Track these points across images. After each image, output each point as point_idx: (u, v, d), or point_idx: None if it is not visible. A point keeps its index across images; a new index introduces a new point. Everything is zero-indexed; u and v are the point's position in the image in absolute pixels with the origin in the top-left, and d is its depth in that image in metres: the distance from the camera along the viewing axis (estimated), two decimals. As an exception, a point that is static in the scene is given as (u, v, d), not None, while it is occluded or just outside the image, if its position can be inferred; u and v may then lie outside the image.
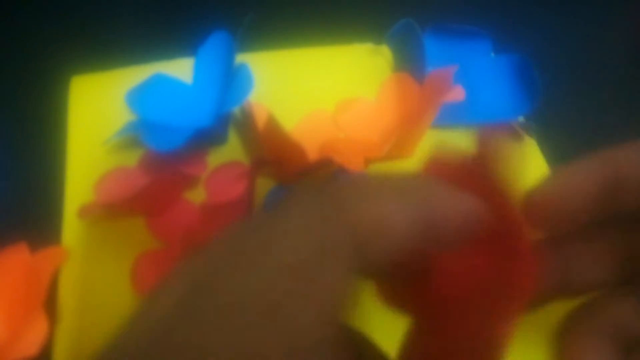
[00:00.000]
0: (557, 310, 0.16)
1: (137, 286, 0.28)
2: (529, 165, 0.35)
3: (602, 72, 0.42)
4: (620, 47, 0.43)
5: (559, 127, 0.37)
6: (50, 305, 0.27)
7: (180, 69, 0.37)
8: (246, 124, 0.35)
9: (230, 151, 0.35)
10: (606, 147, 0.15)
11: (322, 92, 0.38)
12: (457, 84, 0.32)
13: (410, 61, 0.36)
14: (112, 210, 0.31)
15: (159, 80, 0.36)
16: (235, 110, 0.36)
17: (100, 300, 0.28)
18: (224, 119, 0.35)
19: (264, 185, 0.32)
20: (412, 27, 0.34)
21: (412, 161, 0.35)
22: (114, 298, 0.28)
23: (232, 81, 0.33)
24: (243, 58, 0.34)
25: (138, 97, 0.36)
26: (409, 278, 0.15)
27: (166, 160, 0.33)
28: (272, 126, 0.29)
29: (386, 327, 0.17)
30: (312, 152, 0.32)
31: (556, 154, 0.36)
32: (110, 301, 0.28)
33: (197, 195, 0.33)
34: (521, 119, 0.36)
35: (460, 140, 0.36)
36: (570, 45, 0.43)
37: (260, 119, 0.31)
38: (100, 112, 0.36)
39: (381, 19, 0.39)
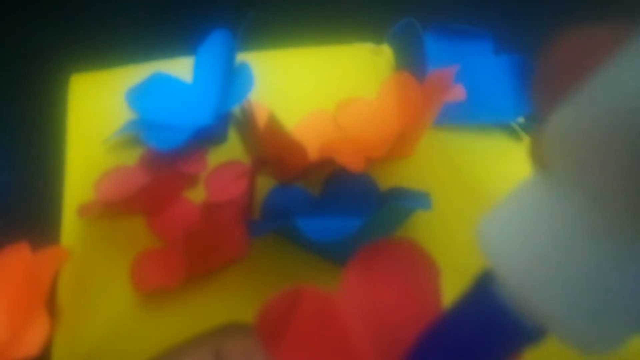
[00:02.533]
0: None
1: (137, 285, 0.28)
2: (529, 166, 0.35)
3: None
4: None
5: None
6: (52, 304, 0.27)
7: (181, 68, 0.37)
8: (246, 123, 0.35)
9: (231, 150, 0.35)
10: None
11: (322, 91, 0.38)
12: (458, 83, 0.32)
13: (411, 61, 0.36)
14: (111, 208, 0.31)
15: (159, 79, 0.36)
16: (236, 109, 0.36)
17: (100, 299, 0.28)
18: (224, 118, 0.35)
19: (264, 185, 0.32)
20: (413, 26, 0.34)
21: (413, 161, 0.35)
22: (113, 297, 0.28)
23: (233, 80, 0.33)
24: (243, 57, 0.34)
25: (138, 96, 0.36)
26: None
27: (166, 159, 0.33)
28: (273, 125, 0.29)
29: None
30: (313, 152, 0.32)
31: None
32: (110, 300, 0.28)
33: (197, 194, 0.33)
34: (521, 119, 0.36)
35: (460, 140, 0.36)
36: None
37: (261, 118, 0.31)
38: (100, 111, 0.36)
39: (382, 19, 0.39)
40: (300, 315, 0.22)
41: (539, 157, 0.15)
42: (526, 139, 0.36)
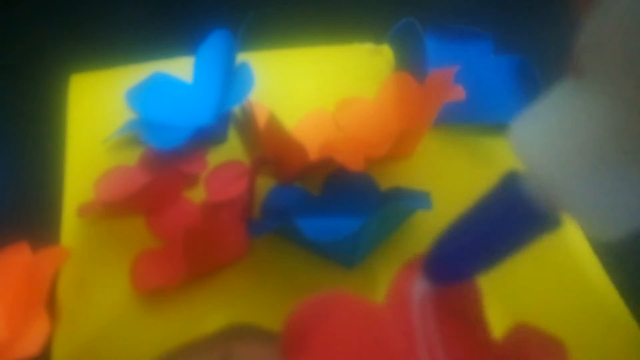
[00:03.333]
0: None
1: (137, 285, 0.28)
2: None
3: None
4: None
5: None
6: (52, 304, 0.27)
7: (181, 68, 0.37)
8: (246, 123, 0.35)
9: (231, 150, 0.35)
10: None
11: (322, 91, 0.38)
12: (458, 83, 0.32)
13: (411, 61, 0.36)
14: (111, 208, 0.31)
15: (159, 79, 0.36)
16: (236, 109, 0.36)
17: (99, 299, 0.28)
18: (224, 118, 0.35)
19: (264, 185, 0.32)
20: (413, 26, 0.34)
21: (413, 161, 0.35)
22: (113, 297, 0.28)
23: (233, 80, 0.33)
24: (243, 57, 0.34)
25: (138, 96, 0.36)
26: None
27: (166, 159, 0.33)
28: (273, 125, 0.29)
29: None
30: (312, 152, 0.32)
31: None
32: (109, 300, 0.28)
33: (197, 194, 0.33)
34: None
35: (460, 140, 0.36)
36: (571, 45, 0.43)
37: (261, 118, 0.31)
38: (100, 111, 0.36)
39: (382, 19, 0.39)
40: (334, 324, 0.19)
41: (572, 64, 0.16)
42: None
